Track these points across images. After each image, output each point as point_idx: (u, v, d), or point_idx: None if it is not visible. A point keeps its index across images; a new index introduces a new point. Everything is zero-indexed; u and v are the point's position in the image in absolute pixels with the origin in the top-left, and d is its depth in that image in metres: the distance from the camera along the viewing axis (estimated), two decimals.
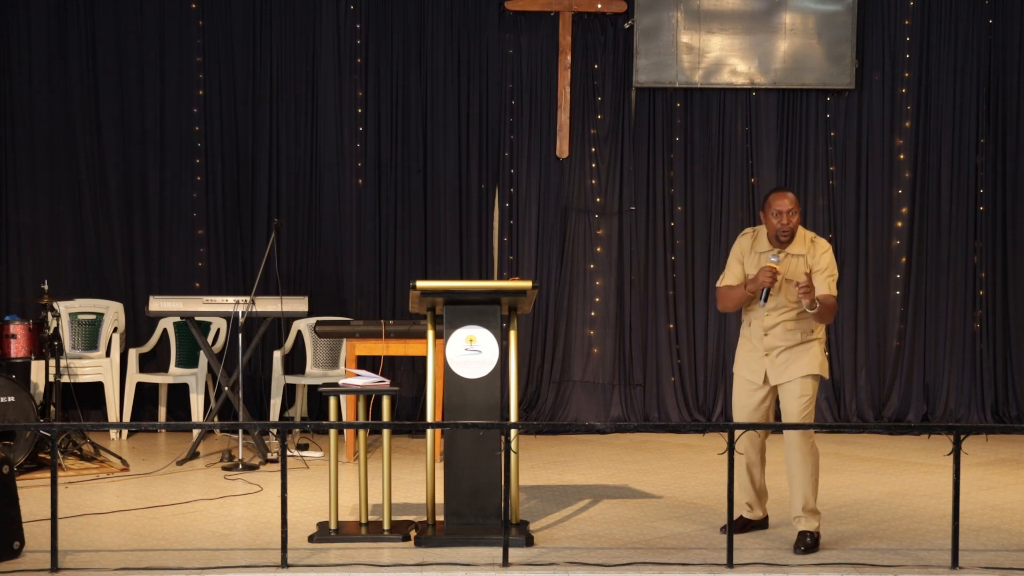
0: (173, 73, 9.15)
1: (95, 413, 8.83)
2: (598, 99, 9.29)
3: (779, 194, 5.66)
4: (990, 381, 9.31)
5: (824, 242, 5.69)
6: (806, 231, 5.71)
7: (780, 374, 5.62)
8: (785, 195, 5.64)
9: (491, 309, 5.66)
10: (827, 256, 5.62)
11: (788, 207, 5.58)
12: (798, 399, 5.58)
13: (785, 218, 5.58)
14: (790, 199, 5.61)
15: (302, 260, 9.24)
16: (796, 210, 5.61)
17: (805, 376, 5.58)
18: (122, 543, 5.48)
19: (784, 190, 5.74)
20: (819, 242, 5.68)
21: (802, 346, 5.60)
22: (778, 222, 5.60)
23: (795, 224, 5.61)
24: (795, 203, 5.62)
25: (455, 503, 5.57)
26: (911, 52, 9.29)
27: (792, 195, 5.65)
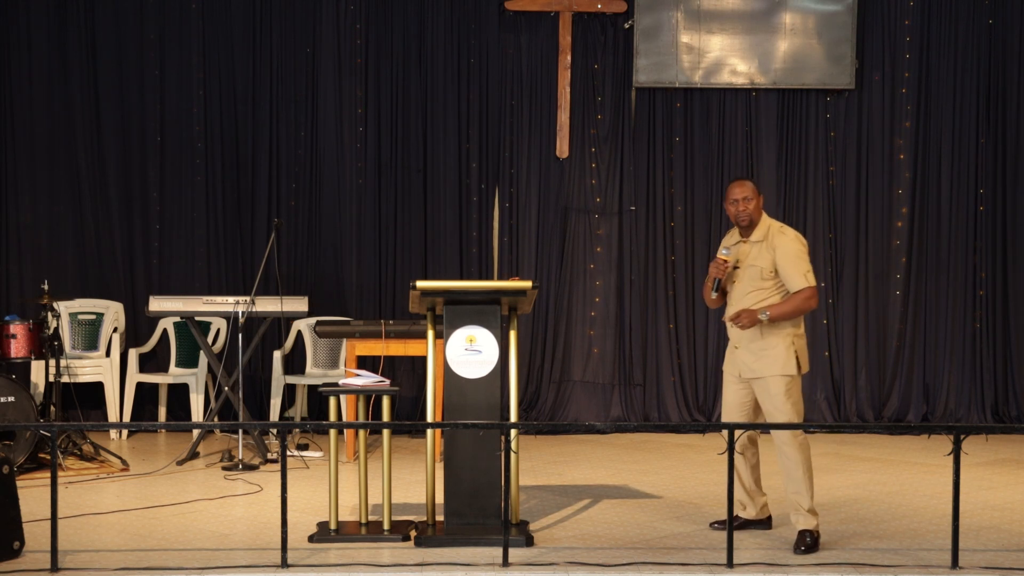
0: (173, 73, 9.16)
1: (95, 413, 8.83)
2: (598, 99, 9.29)
3: (735, 183, 5.78)
4: (990, 381, 9.31)
5: (792, 233, 5.70)
6: (773, 221, 5.76)
7: (748, 369, 5.67)
8: (740, 183, 5.75)
9: (491, 309, 5.66)
10: (793, 247, 5.62)
11: (742, 195, 5.69)
12: (771, 398, 5.62)
13: (741, 204, 5.68)
14: (744, 187, 5.71)
15: (302, 260, 9.24)
16: (752, 197, 5.69)
17: (774, 376, 5.61)
18: (122, 543, 5.48)
19: (742, 179, 5.83)
20: (787, 233, 5.69)
21: (766, 341, 5.62)
22: (734, 209, 5.71)
23: (751, 210, 5.68)
24: (751, 191, 5.70)
25: (455, 503, 5.57)
26: (911, 52, 9.29)
27: (748, 183, 5.74)
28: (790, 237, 5.65)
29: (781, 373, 5.59)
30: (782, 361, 5.59)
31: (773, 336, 5.59)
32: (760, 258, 5.63)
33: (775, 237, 5.65)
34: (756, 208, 5.70)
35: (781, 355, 5.58)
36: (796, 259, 5.59)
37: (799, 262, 5.59)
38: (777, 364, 5.59)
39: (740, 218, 5.70)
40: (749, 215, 5.68)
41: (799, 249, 5.63)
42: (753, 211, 5.69)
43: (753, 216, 5.69)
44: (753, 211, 5.69)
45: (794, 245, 5.62)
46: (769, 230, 5.69)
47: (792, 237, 5.66)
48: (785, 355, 5.58)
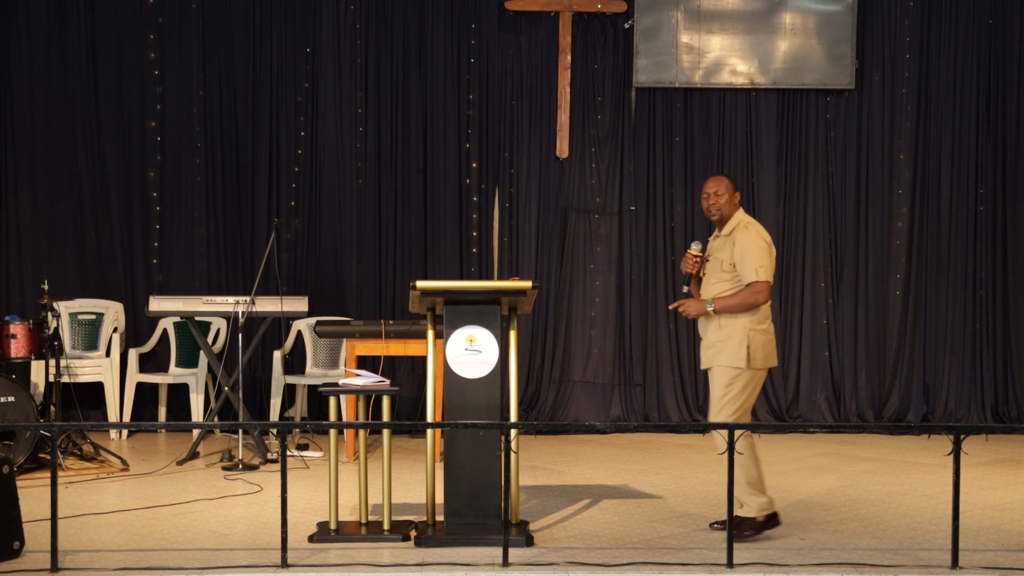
0: (173, 73, 9.15)
1: (95, 413, 8.83)
2: (598, 99, 9.29)
3: (711, 178, 5.95)
4: (990, 381, 9.31)
5: (755, 229, 5.78)
6: (745, 217, 5.85)
7: (704, 360, 5.82)
8: (715, 178, 5.90)
9: (491, 309, 5.66)
10: (750, 242, 5.70)
11: (713, 189, 5.83)
12: (715, 388, 5.75)
13: (712, 199, 5.82)
14: (717, 182, 5.84)
15: (302, 260, 9.23)
16: (723, 192, 5.80)
17: (721, 366, 5.71)
18: (122, 543, 5.48)
19: (719, 175, 5.97)
20: (750, 229, 5.78)
21: (722, 333, 5.71)
22: (705, 203, 5.87)
23: (720, 205, 5.80)
24: (723, 187, 5.82)
25: (455, 503, 5.57)
26: (911, 52, 9.29)
27: (723, 179, 5.87)
28: (751, 232, 5.76)
29: (728, 364, 5.69)
30: (731, 352, 5.68)
31: (729, 328, 5.70)
32: (723, 251, 5.79)
33: (739, 232, 5.77)
34: (727, 203, 5.81)
35: (732, 347, 5.68)
36: (751, 253, 5.69)
37: (754, 256, 5.68)
38: (726, 355, 5.70)
39: (710, 212, 5.85)
40: (719, 209, 5.81)
41: (757, 244, 5.71)
42: (723, 206, 5.81)
43: (723, 211, 5.82)
44: (723, 206, 5.81)
45: (752, 240, 5.72)
46: (737, 225, 5.80)
47: (753, 233, 5.76)
48: (736, 347, 5.67)
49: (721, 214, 5.82)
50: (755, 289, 5.65)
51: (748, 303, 5.66)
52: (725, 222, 5.84)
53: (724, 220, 5.84)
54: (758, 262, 5.67)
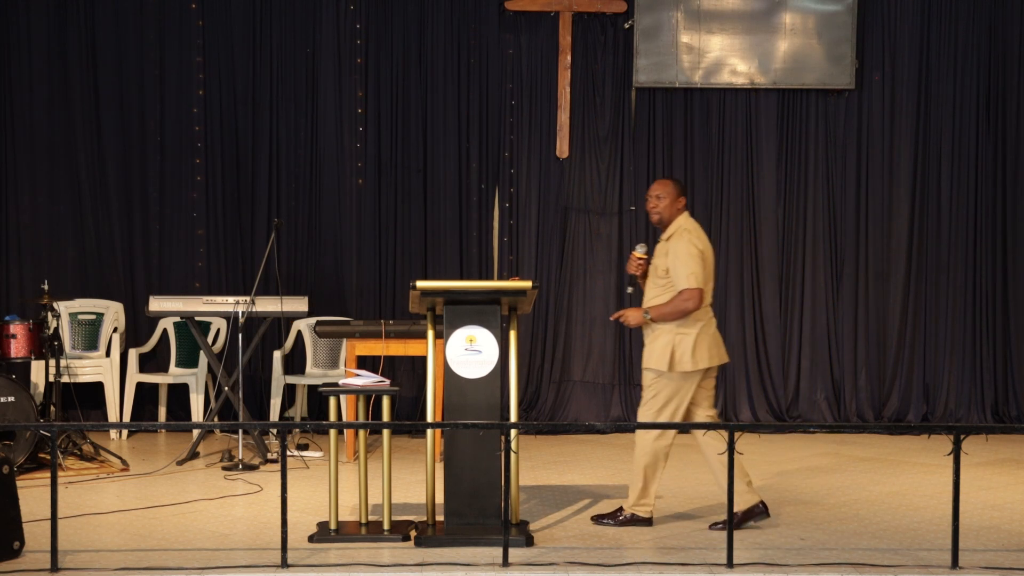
0: (173, 73, 9.15)
1: (95, 413, 8.83)
2: (598, 99, 9.29)
3: (655, 182, 6.10)
4: (990, 381, 9.31)
5: (691, 236, 5.81)
6: (687, 223, 5.89)
7: (644, 360, 5.92)
8: (659, 182, 6.01)
9: (491, 309, 5.66)
10: (684, 249, 5.76)
11: (655, 192, 5.93)
12: (643, 390, 5.88)
13: (652, 202, 5.91)
14: (660, 186, 5.95)
15: (302, 260, 9.23)
16: (664, 196, 5.87)
17: (646, 368, 5.85)
18: (122, 543, 5.48)
19: (665, 179, 6.07)
20: (685, 236, 5.82)
21: (653, 336, 5.84)
22: (647, 205, 5.96)
23: (661, 208, 5.87)
24: (665, 191, 5.89)
25: (455, 503, 5.57)
26: (911, 52, 9.29)
27: (668, 183, 5.95)
28: (684, 240, 5.80)
29: (651, 367, 5.81)
30: (656, 355, 5.80)
31: (658, 332, 5.81)
32: (660, 257, 5.88)
33: (675, 238, 5.83)
34: (667, 207, 5.87)
35: (659, 349, 5.79)
36: (682, 260, 5.75)
37: (685, 263, 5.74)
38: (651, 358, 5.83)
39: (651, 215, 5.94)
40: (659, 213, 5.88)
41: (688, 251, 5.75)
42: (663, 210, 5.87)
43: (663, 215, 5.88)
44: (663, 210, 5.87)
45: (685, 247, 5.77)
46: (676, 231, 5.85)
47: (686, 240, 5.80)
48: (661, 351, 5.77)
49: (661, 218, 5.90)
50: (684, 296, 5.71)
51: (679, 310, 5.74)
52: (666, 226, 5.91)
53: (665, 224, 5.91)
54: (688, 269, 5.72)
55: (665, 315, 5.75)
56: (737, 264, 9.31)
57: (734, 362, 9.26)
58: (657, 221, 5.93)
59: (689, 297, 5.70)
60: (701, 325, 5.80)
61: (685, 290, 5.71)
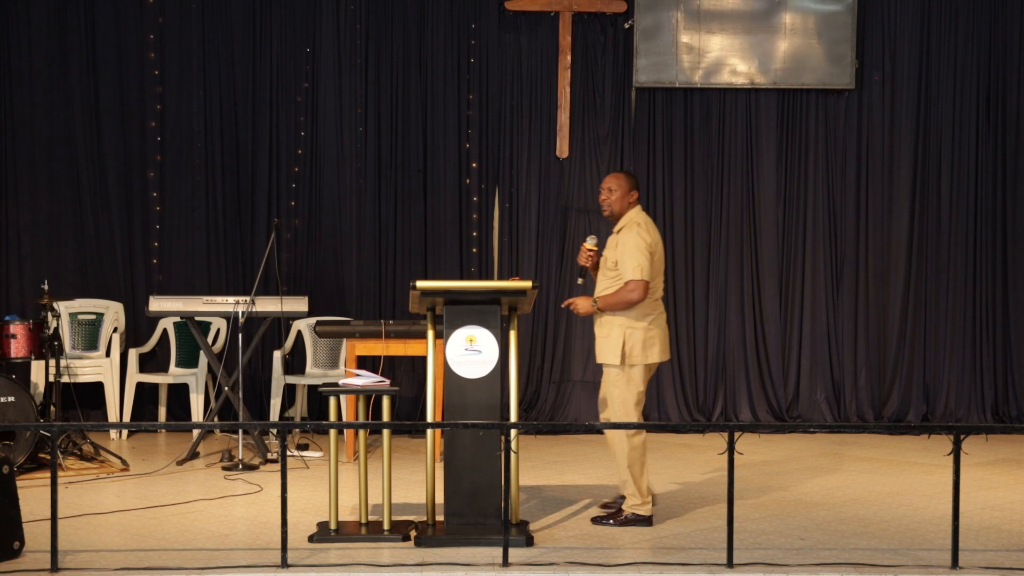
0: (173, 73, 9.15)
1: (95, 413, 8.83)
2: (598, 99, 9.29)
3: (607, 175, 6.18)
4: (990, 381, 9.31)
5: (637, 229, 5.90)
6: (639, 216, 5.99)
7: (596, 355, 6.02)
8: (612, 175, 6.14)
9: (491, 309, 5.66)
10: (632, 241, 5.86)
11: (606, 185, 6.05)
12: (607, 386, 5.98)
13: (603, 194, 6.04)
14: (612, 179, 6.08)
15: (302, 260, 9.23)
16: (616, 189, 5.99)
17: (605, 364, 5.94)
18: (122, 543, 5.48)
19: (617, 172, 6.21)
20: (634, 228, 5.91)
21: (605, 330, 5.93)
22: (600, 198, 6.07)
23: (612, 201, 5.98)
24: (616, 184, 6.00)
25: (455, 503, 5.57)
26: (911, 52, 9.29)
27: (620, 176, 6.07)
28: (633, 232, 5.91)
29: (609, 362, 5.91)
30: (610, 350, 5.90)
31: (608, 325, 5.91)
32: (610, 249, 6.01)
33: (624, 231, 5.94)
34: (618, 200, 5.98)
35: (611, 344, 5.89)
36: (630, 252, 5.85)
37: (632, 255, 5.84)
38: (606, 352, 5.93)
39: (602, 207, 6.07)
40: (610, 205, 6.02)
41: (636, 243, 5.86)
42: (614, 203, 5.99)
43: (614, 208, 6.00)
44: (614, 203, 5.99)
45: (633, 239, 5.88)
46: (626, 224, 5.96)
47: (635, 233, 5.90)
48: (614, 345, 5.87)
49: (612, 211, 6.02)
50: (630, 288, 5.82)
51: (625, 300, 5.84)
52: (617, 219, 6.02)
53: (616, 217, 6.03)
54: (635, 261, 5.82)
55: (611, 305, 5.87)
56: (737, 264, 9.31)
57: (734, 362, 9.28)
58: (608, 214, 6.06)
59: (634, 288, 5.81)
60: (651, 319, 5.92)
61: (630, 281, 5.83)
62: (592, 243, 6.10)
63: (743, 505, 6.21)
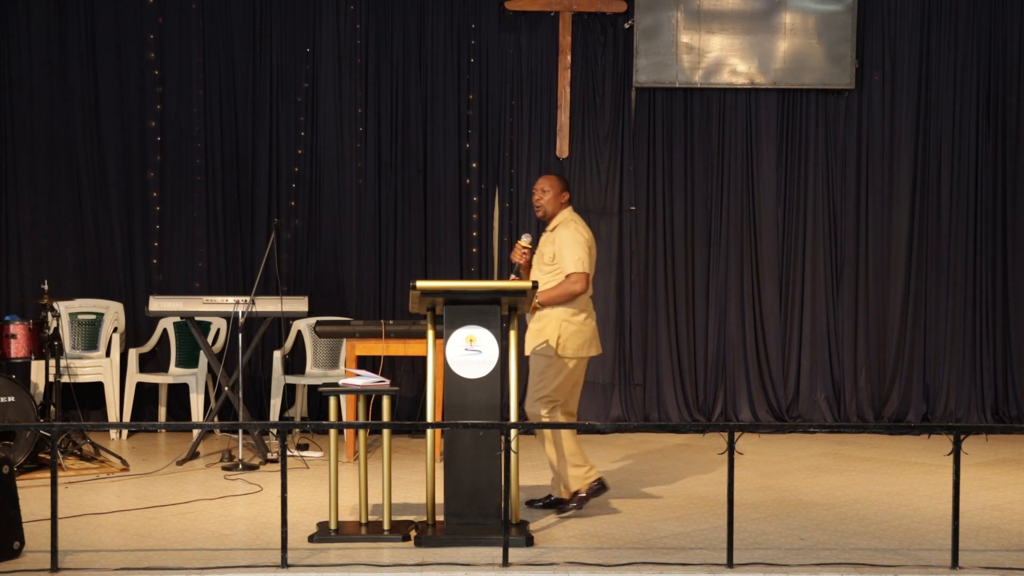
0: (173, 73, 9.16)
1: (95, 413, 8.83)
2: (598, 99, 9.29)
3: (540, 177, 6.39)
4: (990, 381, 9.31)
5: (576, 226, 6.10)
6: (571, 215, 6.17)
7: (526, 347, 6.18)
8: (544, 176, 6.38)
9: (491, 309, 5.66)
10: (570, 236, 6.04)
11: (539, 187, 6.27)
12: (531, 375, 6.09)
13: (537, 195, 6.24)
14: (545, 180, 6.29)
15: (302, 260, 9.23)
16: (548, 190, 6.18)
17: (535, 354, 6.05)
18: (122, 543, 5.48)
19: (549, 174, 6.36)
20: (570, 225, 6.09)
21: (541, 323, 6.06)
22: (532, 199, 6.29)
23: (544, 202, 6.18)
24: (549, 185, 6.17)
25: (455, 503, 5.57)
26: (911, 52, 9.29)
27: (552, 178, 6.25)
28: (571, 228, 6.09)
29: (540, 352, 6.02)
30: (538, 342, 6.02)
31: (545, 318, 6.04)
32: (546, 245, 6.18)
33: (560, 228, 6.10)
34: (551, 201, 6.16)
35: (545, 336, 6.01)
36: (569, 246, 6.02)
37: (572, 249, 6.01)
38: (537, 344, 6.03)
39: (535, 208, 6.27)
40: (543, 206, 6.22)
41: (575, 238, 6.04)
42: (547, 203, 6.17)
43: (547, 208, 6.17)
44: (547, 203, 6.17)
45: (571, 235, 6.06)
46: (561, 222, 6.12)
47: (572, 228, 6.09)
48: (548, 336, 6.00)
49: (545, 211, 6.22)
50: (572, 280, 6.00)
51: (568, 292, 6.01)
52: (551, 219, 6.18)
53: (549, 217, 6.23)
54: (575, 254, 6.00)
55: (553, 299, 6.01)
56: (737, 264, 9.31)
57: (734, 362, 9.28)
58: (542, 214, 6.23)
59: (576, 280, 5.99)
60: (585, 316, 6.08)
61: (572, 274, 6.00)
62: (527, 240, 6.22)
63: (743, 505, 6.21)
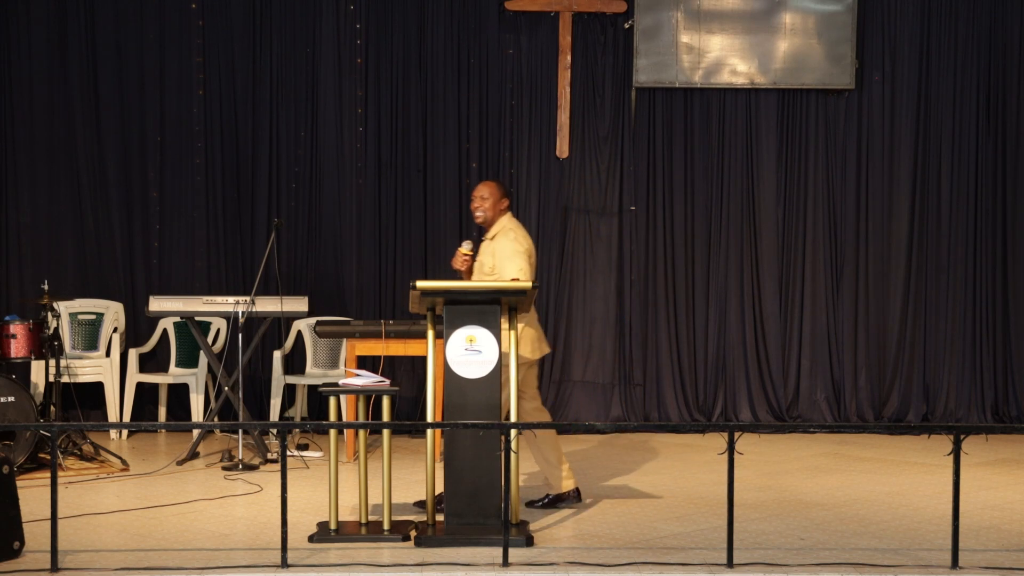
0: (173, 73, 9.15)
1: (95, 413, 8.83)
2: (598, 99, 9.29)
3: (479, 184, 6.42)
4: (990, 381, 9.31)
5: (517, 235, 6.13)
6: (512, 223, 6.20)
7: None
8: (484, 183, 6.42)
9: (491, 309, 5.66)
10: (510, 246, 6.06)
11: (478, 194, 6.30)
12: None
13: (476, 202, 6.27)
14: (484, 188, 6.32)
15: (302, 260, 9.23)
16: (488, 197, 6.23)
17: None
18: (122, 543, 5.48)
19: (488, 181, 6.36)
20: (510, 234, 6.12)
21: None
22: (471, 206, 6.30)
23: (484, 209, 6.21)
24: (488, 192, 6.20)
25: (455, 503, 5.57)
26: (911, 52, 9.29)
27: (491, 185, 6.27)
28: (511, 238, 6.11)
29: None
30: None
31: None
32: (486, 254, 6.19)
33: (501, 236, 6.12)
34: (491, 208, 6.20)
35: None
36: (510, 257, 6.05)
37: (513, 259, 6.04)
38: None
39: (475, 215, 6.29)
40: (483, 212, 6.24)
41: (515, 248, 6.07)
42: (487, 210, 6.19)
43: (487, 215, 6.20)
44: (487, 210, 6.19)
45: (512, 244, 6.07)
46: (501, 230, 6.14)
47: (513, 238, 6.10)
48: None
49: (485, 217, 6.25)
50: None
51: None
52: (490, 226, 6.21)
53: (489, 224, 6.25)
54: (517, 265, 6.03)
55: None
56: (737, 264, 9.31)
57: (734, 362, 9.29)
58: (482, 221, 6.25)
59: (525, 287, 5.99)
60: (528, 319, 6.11)
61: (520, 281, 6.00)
62: (468, 248, 6.24)
63: (743, 505, 6.20)
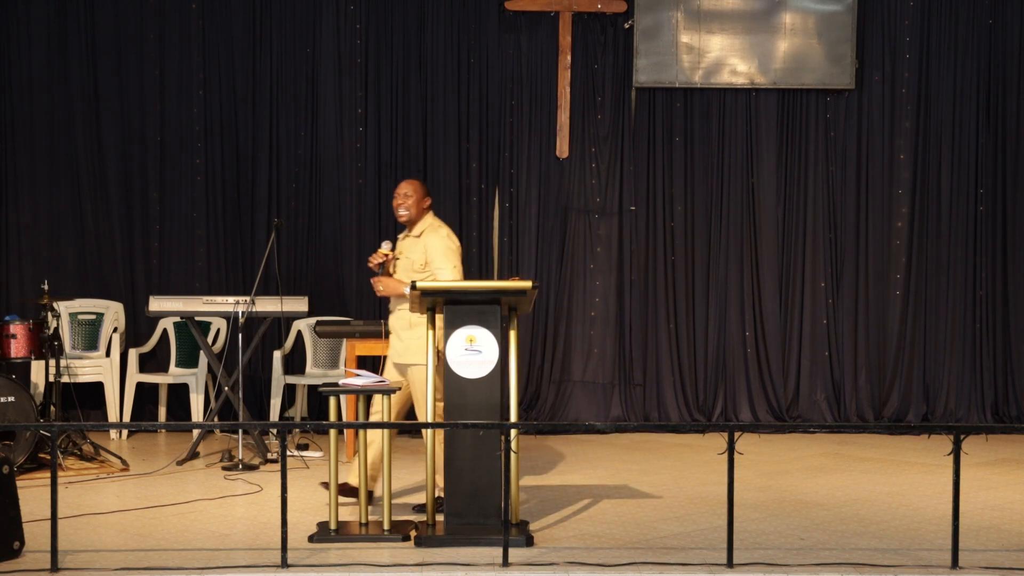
0: (173, 73, 9.16)
1: (95, 413, 8.83)
2: (598, 99, 9.29)
3: (402, 182, 6.41)
4: (990, 381, 9.31)
5: (445, 232, 6.21)
6: (435, 221, 6.26)
7: (397, 354, 6.20)
8: (407, 181, 6.39)
9: (491, 309, 5.66)
10: (442, 244, 6.12)
11: (402, 191, 6.31)
12: (415, 385, 6.07)
13: (399, 199, 6.28)
14: (407, 185, 6.34)
15: (302, 260, 9.24)
16: (412, 195, 6.27)
17: (417, 364, 6.02)
18: (122, 543, 5.48)
19: (411, 179, 6.40)
20: (439, 231, 6.17)
21: (413, 332, 6.06)
22: (394, 203, 6.31)
23: (408, 206, 6.26)
24: (412, 190, 6.28)
25: (455, 503, 5.57)
26: (911, 52, 9.29)
27: (414, 183, 6.32)
28: (441, 235, 6.17)
29: (419, 361, 5.99)
30: (415, 350, 6.04)
31: (420, 326, 5.99)
32: (414, 251, 6.23)
33: (429, 234, 6.16)
34: (414, 205, 6.23)
35: (415, 344, 6.04)
36: (445, 254, 6.11)
37: (448, 256, 6.10)
38: (413, 353, 6.05)
39: (398, 213, 6.29)
40: (407, 210, 6.29)
41: (447, 246, 6.14)
42: (410, 208, 6.23)
43: (411, 213, 6.24)
44: (410, 208, 6.23)
45: (443, 242, 6.14)
46: (427, 228, 6.19)
47: (443, 235, 6.18)
48: (418, 344, 6.01)
49: (409, 215, 6.28)
50: None
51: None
52: (414, 224, 6.28)
53: (413, 222, 6.29)
54: (451, 262, 6.11)
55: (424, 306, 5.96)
56: (737, 264, 9.31)
57: (734, 362, 9.28)
58: (405, 219, 6.28)
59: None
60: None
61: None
62: (387, 248, 6.27)
63: (743, 505, 6.20)
